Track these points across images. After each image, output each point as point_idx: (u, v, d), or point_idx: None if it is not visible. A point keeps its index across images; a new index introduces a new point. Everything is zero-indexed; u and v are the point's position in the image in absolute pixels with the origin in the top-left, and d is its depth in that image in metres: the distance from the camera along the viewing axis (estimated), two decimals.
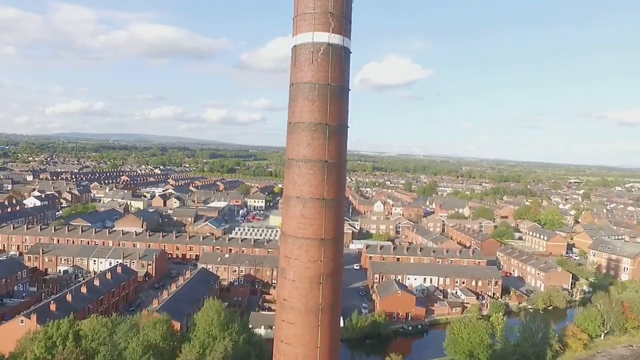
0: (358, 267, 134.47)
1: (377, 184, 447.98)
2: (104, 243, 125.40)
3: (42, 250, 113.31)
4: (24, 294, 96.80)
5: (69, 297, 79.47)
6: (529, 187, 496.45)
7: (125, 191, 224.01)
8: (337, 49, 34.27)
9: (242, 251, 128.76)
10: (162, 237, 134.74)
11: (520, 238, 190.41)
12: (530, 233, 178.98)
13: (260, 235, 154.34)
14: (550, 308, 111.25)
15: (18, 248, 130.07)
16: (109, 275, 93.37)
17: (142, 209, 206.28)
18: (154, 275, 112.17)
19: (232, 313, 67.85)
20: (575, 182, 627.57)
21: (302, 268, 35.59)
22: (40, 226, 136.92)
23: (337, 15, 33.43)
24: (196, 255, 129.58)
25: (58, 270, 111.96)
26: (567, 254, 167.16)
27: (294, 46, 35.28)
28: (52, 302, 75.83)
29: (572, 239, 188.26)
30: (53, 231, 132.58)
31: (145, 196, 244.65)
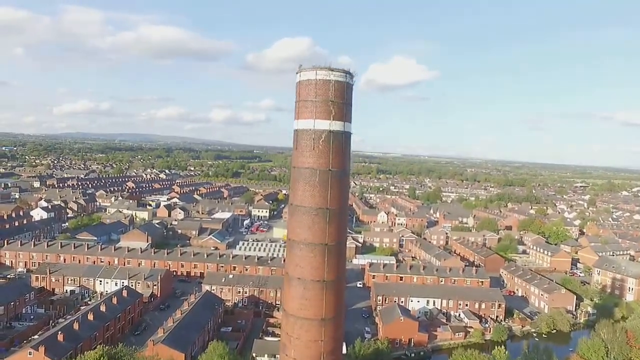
0: (361, 285, 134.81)
1: (381, 189, 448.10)
2: (109, 263, 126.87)
3: (49, 270, 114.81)
4: (32, 317, 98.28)
5: (75, 326, 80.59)
6: (534, 191, 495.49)
7: (131, 201, 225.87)
8: (338, 135, 34.82)
9: (246, 269, 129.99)
10: (167, 254, 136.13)
11: (524, 252, 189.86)
12: (535, 248, 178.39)
13: (264, 250, 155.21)
14: (554, 331, 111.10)
15: (25, 265, 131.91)
16: (114, 300, 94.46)
17: (147, 219, 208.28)
18: (159, 295, 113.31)
19: (236, 346, 68.44)
20: (581, 186, 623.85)
21: (304, 347, 36.24)
22: (47, 242, 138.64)
23: (337, 102, 33.95)
24: (200, 272, 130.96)
25: (65, 291, 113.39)
26: (571, 269, 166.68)
27: (296, 130, 35.86)
28: (59, 332, 77.01)
29: (576, 252, 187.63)
30: (60, 248, 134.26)
31: (150, 205, 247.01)
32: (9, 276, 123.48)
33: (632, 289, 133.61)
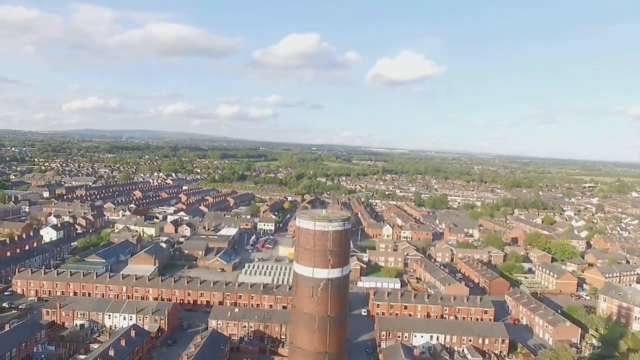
0: (365, 313, 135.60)
1: (387, 192, 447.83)
2: (117, 296, 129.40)
3: (60, 304, 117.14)
4: (43, 356, 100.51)
5: None
6: (541, 193, 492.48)
7: (138, 217, 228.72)
8: (336, 281, 35.47)
9: (252, 297, 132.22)
10: (174, 282, 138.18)
11: (529, 270, 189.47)
12: (540, 268, 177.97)
13: (269, 274, 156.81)
14: None
15: (36, 293, 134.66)
16: (123, 342, 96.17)
17: (154, 236, 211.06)
18: (166, 329, 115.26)
19: None
20: (589, 187, 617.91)
21: None
22: (57, 270, 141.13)
23: (335, 251, 34.47)
24: (207, 301, 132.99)
25: (75, 325, 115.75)
26: (577, 291, 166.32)
27: (296, 272, 36.45)
28: None
29: (583, 271, 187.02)
30: (69, 276, 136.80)
31: (157, 217, 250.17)
32: (21, 306, 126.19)
33: (639, 318, 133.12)
